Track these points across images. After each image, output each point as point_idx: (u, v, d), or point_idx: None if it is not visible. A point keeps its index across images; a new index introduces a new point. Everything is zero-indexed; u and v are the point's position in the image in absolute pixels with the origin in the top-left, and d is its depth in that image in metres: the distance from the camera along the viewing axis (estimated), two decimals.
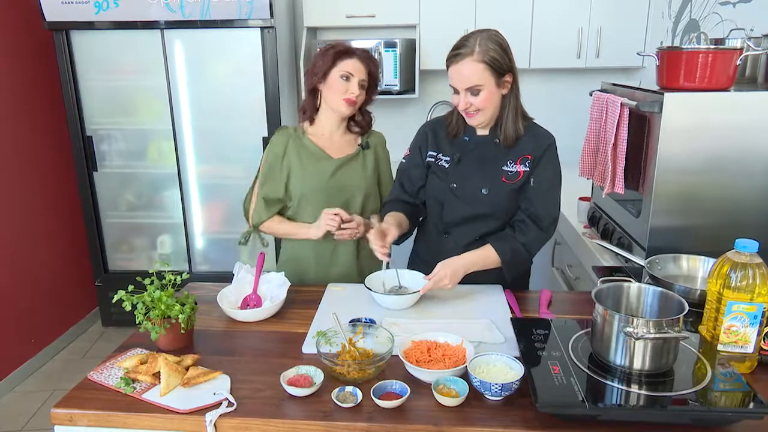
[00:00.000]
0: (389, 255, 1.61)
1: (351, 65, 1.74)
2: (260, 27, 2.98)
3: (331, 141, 1.86)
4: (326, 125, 1.85)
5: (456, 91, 1.59)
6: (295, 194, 1.84)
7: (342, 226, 1.73)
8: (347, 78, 1.74)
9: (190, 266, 3.43)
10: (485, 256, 1.62)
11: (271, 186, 1.84)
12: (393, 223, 1.68)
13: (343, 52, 1.74)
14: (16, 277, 2.99)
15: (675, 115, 1.62)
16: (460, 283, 1.64)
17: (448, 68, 1.59)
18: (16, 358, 2.99)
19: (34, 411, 2.75)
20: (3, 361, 2.90)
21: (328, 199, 1.81)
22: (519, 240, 1.63)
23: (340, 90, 1.74)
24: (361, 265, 1.89)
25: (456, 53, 1.55)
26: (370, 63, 1.78)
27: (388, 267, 1.70)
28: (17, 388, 2.94)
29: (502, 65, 1.55)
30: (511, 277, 1.66)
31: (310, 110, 1.84)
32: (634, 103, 1.71)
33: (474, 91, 1.56)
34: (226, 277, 1.75)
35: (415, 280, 1.64)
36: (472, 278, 1.65)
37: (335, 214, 1.72)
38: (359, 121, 1.88)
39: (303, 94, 1.87)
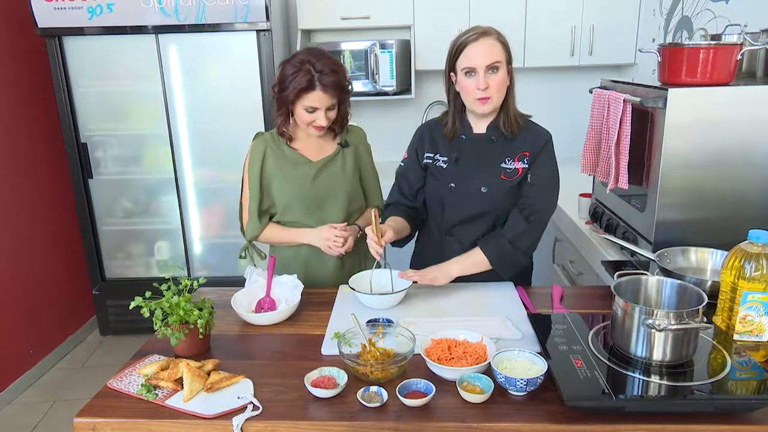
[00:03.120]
0: (383, 255, 1.61)
1: (314, 99, 1.67)
2: (256, 30, 2.98)
3: (309, 143, 1.84)
4: (302, 132, 1.82)
5: (469, 73, 1.58)
6: (279, 201, 1.83)
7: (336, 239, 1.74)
8: (312, 110, 1.69)
9: (188, 272, 3.41)
10: (477, 261, 1.65)
11: (258, 198, 1.82)
12: (391, 225, 1.69)
13: (306, 88, 1.64)
14: (11, 286, 2.95)
15: (679, 110, 1.64)
16: (470, 280, 1.67)
17: (462, 50, 1.58)
18: (14, 369, 2.95)
19: (35, 423, 2.71)
20: (1, 373, 2.86)
21: (311, 203, 1.81)
22: (506, 237, 1.64)
23: (306, 120, 1.72)
24: (346, 269, 1.88)
25: (473, 33, 1.57)
26: (336, 89, 1.69)
27: (380, 267, 1.69)
28: (16, 400, 2.90)
29: (510, 51, 1.61)
30: (508, 276, 1.68)
31: (288, 132, 1.80)
32: (638, 99, 1.73)
33: (493, 68, 1.57)
34: (225, 282, 1.75)
35: (400, 279, 1.64)
36: (479, 276, 1.67)
37: (339, 234, 1.73)
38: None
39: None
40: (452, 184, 1.70)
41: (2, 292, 2.88)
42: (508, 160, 1.66)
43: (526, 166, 1.65)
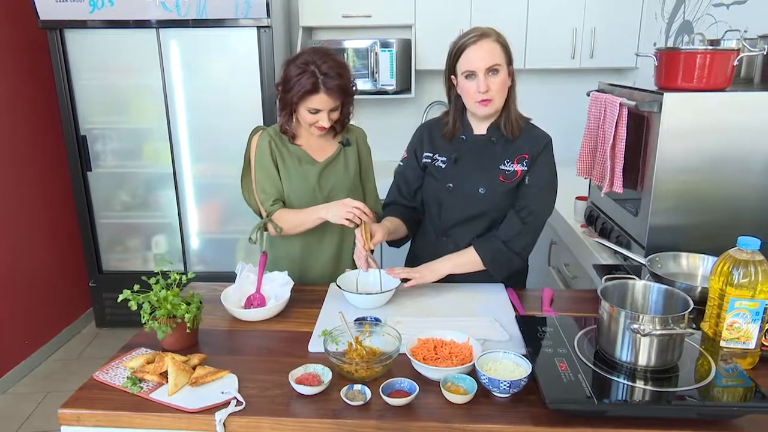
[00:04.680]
0: (372, 252, 1.61)
1: (318, 101, 1.66)
2: (257, 26, 2.98)
3: (311, 141, 1.83)
4: (305, 131, 1.82)
5: (470, 76, 1.57)
6: None
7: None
8: (315, 112, 1.69)
9: (185, 266, 3.42)
10: (469, 260, 1.65)
11: (276, 186, 1.81)
12: (386, 225, 1.69)
13: (310, 91, 1.64)
14: (8, 277, 2.96)
15: (674, 115, 1.64)
16: (461, 281, 1.66)
17: (461, 53, 1.57)
18: (9, 359, 2.96)
19: (29, 413, 2.72)
20: None
21: (313, 201, 1.80)
22: (500, 238, 1.64)
23: (309, 120, 1.72)
24: (341, 266, 1.87)
25: (474, 35, 1.56)
26: (341, 92, 1.68)
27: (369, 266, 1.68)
28: (11, 390, 2.91)
29: (510, 52, 1.60)
30: (501, 277, 1.68)
31: (290, 130, 1.80)
32: (633, 102, 1.73)
33: (493, 70, 1.56)
34: (222, 278, 1.74)
35: (388, 279, 1.64)
36: (470, 276, 1.67)
37: (356, 207, 1.62)
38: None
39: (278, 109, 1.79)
40: (450, 185, 1.69)
41: None
42: (507, 162, 1.65)
43: (525, 168, 1.65)
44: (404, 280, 1.62)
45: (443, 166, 1.72)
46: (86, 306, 3.57)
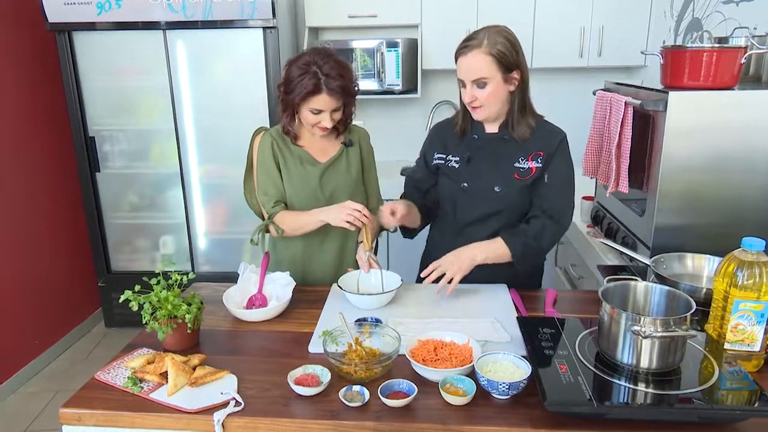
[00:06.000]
0: (375, 252, 1.60)
1: (320, 102, 1.66)
2: (262, 27, 2.99)
3: (313, 142, 1.83)
4: (307, 132, 1.82)
5: (463, 84, 1.60)
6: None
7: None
8: (318, 112, 1.69)
9: (192, 267, 3.44)
10: (500, 253, 1.62)
11: (278, 187, 1.82)
12: (407, 202, 1.69)
13: (312, 91, 1.64)
14: (19, 278, 3.00)
15: (679, 114, 1.62)
16: (464, 281, 1.65)
17: (456, 60, 1.59)
18: (19, 359, 2.99)
19: (38, 412, 2.75)
20: (6, 362, 2.90)
21: (315, 202, 1.79)
22: (529, 234, 1.63)
23: (311, 121, 1.71)
24: (344, 266, 1.87)
25: (465, 45, 1.57)
26: (342, 92, 1.67)
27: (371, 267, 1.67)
28: (20, 390, 2.94)
29: (509, 59, 1.56)
30: (523, 270, 1.66)
31: (293, 130, 1.80)
32: (638, 101, 1.71)
33: (480, 83, 1.56)
34: (229, 278, 1.75)
35: (389, 279, 1.63)
36: (472, 278, 1.66)
37: (356, 210, 1.61)
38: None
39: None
40: (465, 184, 1.69)
41: (9, 283, 2.93)
42: (522, 160, 1.65)
43: (540, 165, 1.64)
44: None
45: (457, 166, 1.72)
46: (95, 306, 3.60)
